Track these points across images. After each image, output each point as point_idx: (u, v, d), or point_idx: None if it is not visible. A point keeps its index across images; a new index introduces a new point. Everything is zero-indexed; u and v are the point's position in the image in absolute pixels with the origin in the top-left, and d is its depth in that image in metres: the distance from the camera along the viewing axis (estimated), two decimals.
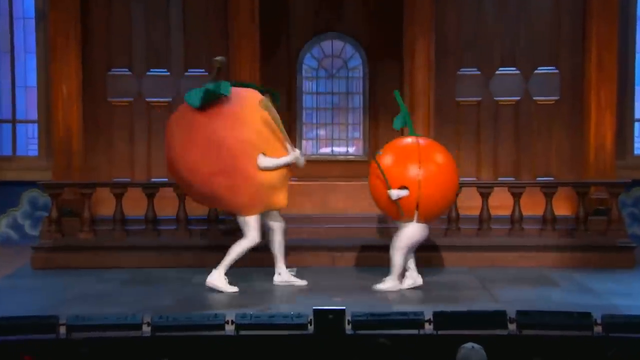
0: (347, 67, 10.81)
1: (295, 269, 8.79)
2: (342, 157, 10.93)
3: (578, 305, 7.40)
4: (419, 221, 8.18)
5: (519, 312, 6.62)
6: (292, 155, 8.40)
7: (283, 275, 8.70)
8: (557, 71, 10.51)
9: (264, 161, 8.27)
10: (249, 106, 8.35)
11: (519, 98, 10.64)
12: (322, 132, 10.91)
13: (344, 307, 6.55)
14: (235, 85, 8.53)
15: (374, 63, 10.80)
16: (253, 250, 8.55)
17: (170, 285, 8.67)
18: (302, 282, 8.69)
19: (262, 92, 8.55)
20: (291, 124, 10.75)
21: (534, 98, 10.60)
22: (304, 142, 10.91)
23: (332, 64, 10.80)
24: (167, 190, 9.85)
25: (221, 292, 8.30)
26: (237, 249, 8.46)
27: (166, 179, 10.45)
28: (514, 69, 10.59)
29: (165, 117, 10.74)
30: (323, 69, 10.84)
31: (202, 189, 8.33)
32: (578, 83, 10.33)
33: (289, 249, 9.46)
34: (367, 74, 10.80)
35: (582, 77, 10.25)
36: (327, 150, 10.93)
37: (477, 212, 9.83)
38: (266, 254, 8.81)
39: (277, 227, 8.67)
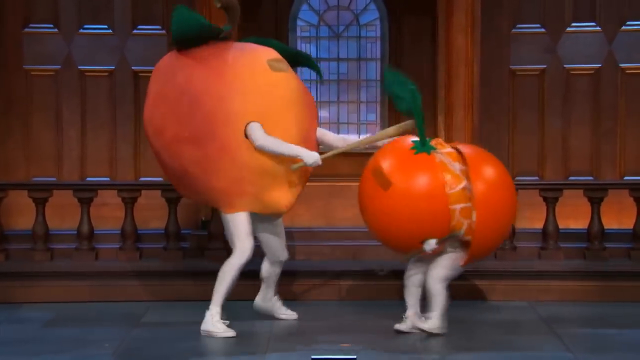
0: (358, 23, 10.89)
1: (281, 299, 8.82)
2: None
3: None
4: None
5: None
6: (307, 153, 8.10)
7: (268, 302, 8.69)
8: None
9: (260, 135, 7.99)
10: (251, 58, 8.17)
11: (599, 65, 10.74)
12: (324, 113, 11.01)
13: (355, 357, 6.53)
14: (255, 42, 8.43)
15: (397, 19, 10.90)
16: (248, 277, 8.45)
17: (112, 328, 8.61)
18: (292, 315, 8.67)
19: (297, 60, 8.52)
20: None
21: (621, 65, 10.70)
22: None
23: (338, 18, 10.88)
24: (109, 194, 9.84)
25: (214, 337, 8.17)
26: (228, 274, 8.28)
27: (107, 178, 10.33)
28: (592, 24, 10.66)
29: (106, 92, 10.55)
30: (325, 25, 10.93)
31: (169, 162, 8.27)
32: None
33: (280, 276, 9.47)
34: (388, 34, 10.89)
35: None
36: None
37: (539, 225, 9.76)
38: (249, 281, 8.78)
39: (279, 260, 8.65)
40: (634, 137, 10.64)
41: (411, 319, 8.31)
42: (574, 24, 10.66)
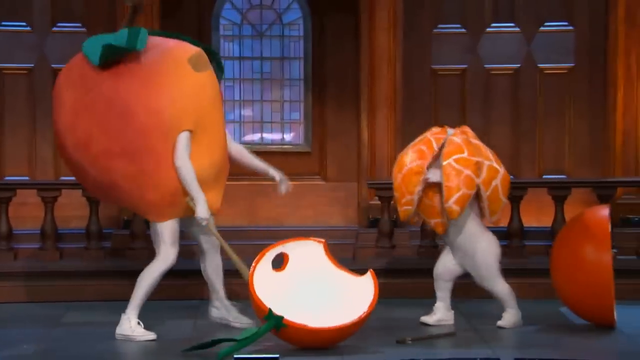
0: (282, 22, 10.79)
1: (238, 304, 8.58)
2: (275, 147, 10.91)
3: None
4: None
5: None
6: (203, 206, 7.90)
7: (222, 309, 8.46)
8: (571, 28, 10.64)
9: (181, 154, 7.82)
10: (174, 62, 7.95)
11: (518, 65, 10.75)
12: (247, 112, 10.90)
13: (277, 356, 6.53)
14: (155, 35, 8.23)
15: (320, 18, 10.85)
16: (170, 276, 8.26)
17: (32, 329, 8.51)
18: (248, 321, 8.37)
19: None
20: None
21: (540, 65, 10.72)
22: None
23: (261, 17, 10.79)
24: (29, 193, 9.73)
25: (134, 341, 7.99)
26: (148, 278, 8.10)
27: (27, 178, 10.14)
28: (512, 25, 10.68)
29: (25, 90, 10.37)
30: (249, 24, 10.80)
31: (96, 176, 8.02)
32: (599, 44, 10.48)
33: (202, 275, 9.35)
34: (311, 33, 10.80)
35: (605, 36, 10.39)
36: (254, 137, 10.91)
37: None
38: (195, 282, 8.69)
39: (211, 246, 8.40)
40: (553, 137, 10.67)
41: (441, 312, 8.49)
42: (493, 25, 10.66)
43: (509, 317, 8.43)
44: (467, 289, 9.37)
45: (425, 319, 8.53)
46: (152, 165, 7.83)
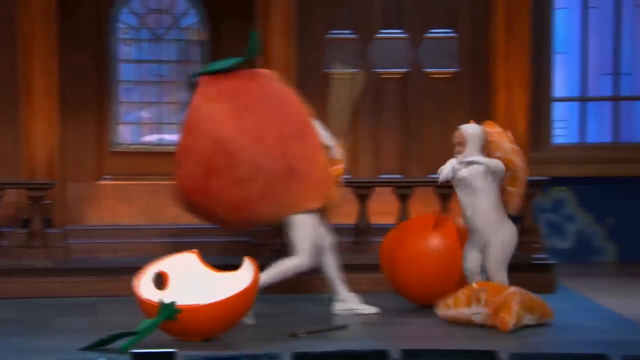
0: (179, 26, 10.81)
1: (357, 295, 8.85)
2: (173, 147, 10.51)
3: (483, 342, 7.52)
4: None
5: (405, 352, 6.61)
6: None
7: (347, 301, 8.74)
8: (455, 35, 10.83)
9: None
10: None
11: (406, 70, 10.89)
12: (145, 114, 10.93)
13: (175, 350, 6.43)
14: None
15: (217, 22, 10.88)
16: None
17: None
18: (372, 310, 8.73)
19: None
20: (102, 104, 10.68)
21: (426, 70, 10.88)
22: (120, 128, 10.72)
23: (158, 21, 10.83)
24: None
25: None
26: (284, 271, 8.56)
27: None
28: (399, 31, 10.79)
29: None
30: (146, 28, 10.81)
31: (272, 165, 8.38)
32: (482, 51, 10.61)
33: (101, 272, 9.34)
34: (207, 37, 10.83)
35: (486, 43, 10.54)
36: (152, 138, 10.95)
37: (352, 220, 9.94)
38: None
39: (329, 242, 8.80)
40: (439, 138, 10.73)
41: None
42: (382, 31, 10.77)
43: None
44: (357, 281, 9.55)
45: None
46: (315, 141, 8.51)
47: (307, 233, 8.51)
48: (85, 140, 10.64)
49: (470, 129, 8.51)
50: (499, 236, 8.40)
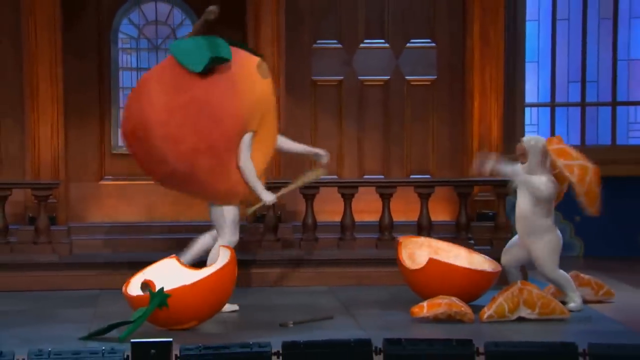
0: (176, 36, 10.77)
1: None
2: None
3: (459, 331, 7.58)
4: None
5: (387, 341, 6.68)
6: (265, 193, 8.48)
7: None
8: (433, 45, 10.81)
9: (244, 156, 8.33)
10: (247, 70, 8.43)
11: (388, 77, 10.87)
12: None
13: (171, 340, 6.48)
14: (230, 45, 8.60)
15: (211, 32, 10.63)
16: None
17: None
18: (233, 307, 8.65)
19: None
20: (104, 109, 10.64)
21: (407, 77, 10.86)
22: (120, 132, 10.70)
23: (156, 32, 10.76)
24: None
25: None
26: (211, 253, 8.50)
27: None
28: (382, 41, 10.78)
29: None
30: (145, 38, 10.77)
31: (177, 168, 8.33)
32: (458, 60, 10.66)
33: (102, 266, 9.40)
34: None
35: (463, 52, 10.57)
36: None
37: (338, 218, 9.97)
38: None
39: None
40: (418, 141, 10.79)
41: None
42: (366, 41, 10.73)
43: (575, 299, 8.56)
44: (342, 275, 9.64)
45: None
46: (229, 159, 8.26)
47: (227, 220, 8.51)
48: (88, 143, 10.60)
49: (532, 141, 8.59)
50: (537, 244, 8.56)
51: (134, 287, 7.96)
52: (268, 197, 8.49)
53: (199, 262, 8.54)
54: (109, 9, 10.60)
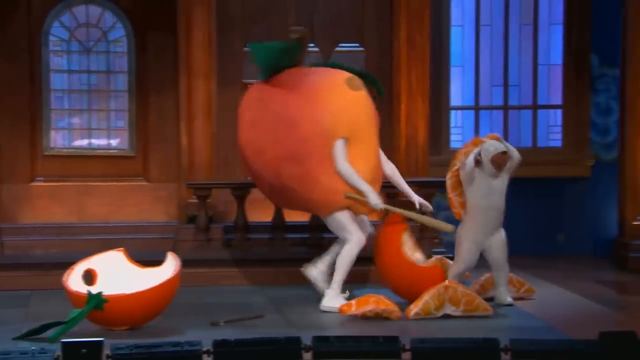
0: (107, 39, 10.69)
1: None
2: (102, 151, 10.78)
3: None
4: None
5: (316, 338, 6.68)
6: (373, 194, 8.39)
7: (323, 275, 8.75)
8: (362, 49, 10.83)
9: (341, 160, 8.31)
10: (330, 81, 8.56)
11: None
12: (76, 120, 10.75)
13: (102, 340, 6.42)
14: (328, 66, 8.98)
15: (142, 36, 10.76)
16: None
17: None
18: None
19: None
20: (35, 111, 10.54)
21: None
22: (53, 133, 10.60)
23: (87, 35, 10.66)
24: None
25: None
26: (346, 260, 8.45)
27: None
28: (311, 45, 10.73)
29: None
30: (76, 41, 10.65)
31: (271, 180, 8.59)
32: (386, 64, 10.67)
33: (34, 267, 9.28)
34: (134, 49, 10.70)
35: (390, 56, 10.62)
36: (83, 143, 10.77)
37: (269, 219, 9.97)
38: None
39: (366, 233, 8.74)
40: None
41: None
42: None
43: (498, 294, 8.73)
44: (273, 274, 9.61)
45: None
46: (314, 166, 8.31)
47: (342, 221, 8.47)
48: (20, 145, 10.46)
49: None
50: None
51: (75, 278, 7.79)
52: (375, 201, 8.45)
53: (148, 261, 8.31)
54: (40, 11, 10.48)
